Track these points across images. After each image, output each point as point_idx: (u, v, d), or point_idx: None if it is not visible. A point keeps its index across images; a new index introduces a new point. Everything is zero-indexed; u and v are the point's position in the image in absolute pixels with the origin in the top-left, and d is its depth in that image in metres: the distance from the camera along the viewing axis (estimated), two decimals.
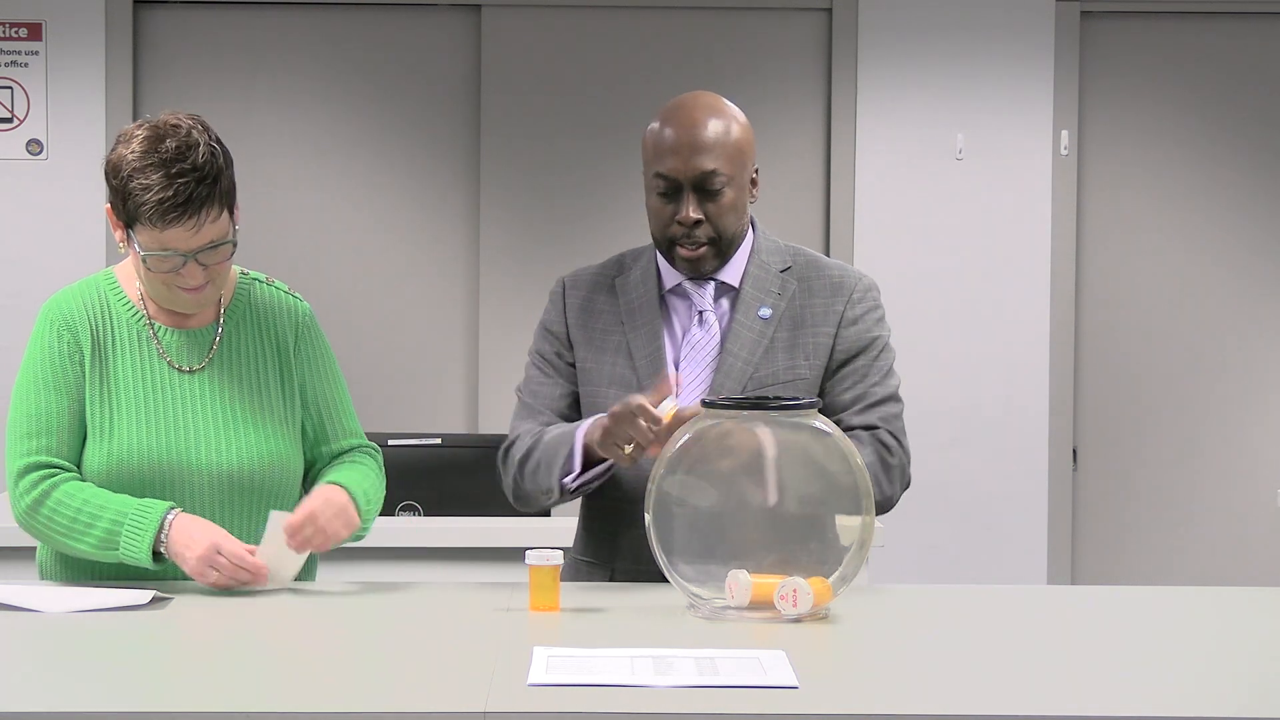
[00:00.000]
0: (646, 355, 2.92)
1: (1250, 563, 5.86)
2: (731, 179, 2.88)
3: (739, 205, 2.91)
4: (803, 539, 2.60)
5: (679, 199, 2.86)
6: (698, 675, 2.11)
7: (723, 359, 2.89)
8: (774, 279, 2.94)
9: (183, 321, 2.83)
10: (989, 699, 2.09)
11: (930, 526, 5.69)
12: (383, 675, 2.15)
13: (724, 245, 2.90)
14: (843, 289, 2.94)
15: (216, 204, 2.68)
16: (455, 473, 4.20)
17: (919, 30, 5.74)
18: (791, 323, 2.91)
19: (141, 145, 2.67)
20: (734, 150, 2.88)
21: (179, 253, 2.69)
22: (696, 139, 2.85)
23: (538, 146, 5.79)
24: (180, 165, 2.65)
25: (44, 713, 1.98)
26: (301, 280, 5.66)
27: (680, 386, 2.88)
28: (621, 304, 2.97)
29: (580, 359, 2.97)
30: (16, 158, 5.68)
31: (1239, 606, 2.75)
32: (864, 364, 2.92)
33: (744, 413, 2.55)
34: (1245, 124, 5.86)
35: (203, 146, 2.67)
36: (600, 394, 2.94)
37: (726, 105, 2.93)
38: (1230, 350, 5.88)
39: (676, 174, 2.85)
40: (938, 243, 5.75)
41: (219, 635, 2.47)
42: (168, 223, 2.66)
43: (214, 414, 2.80)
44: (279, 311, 2.89)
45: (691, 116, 2.88)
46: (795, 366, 2.89)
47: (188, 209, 2.65)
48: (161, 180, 2.64)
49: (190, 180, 2.65)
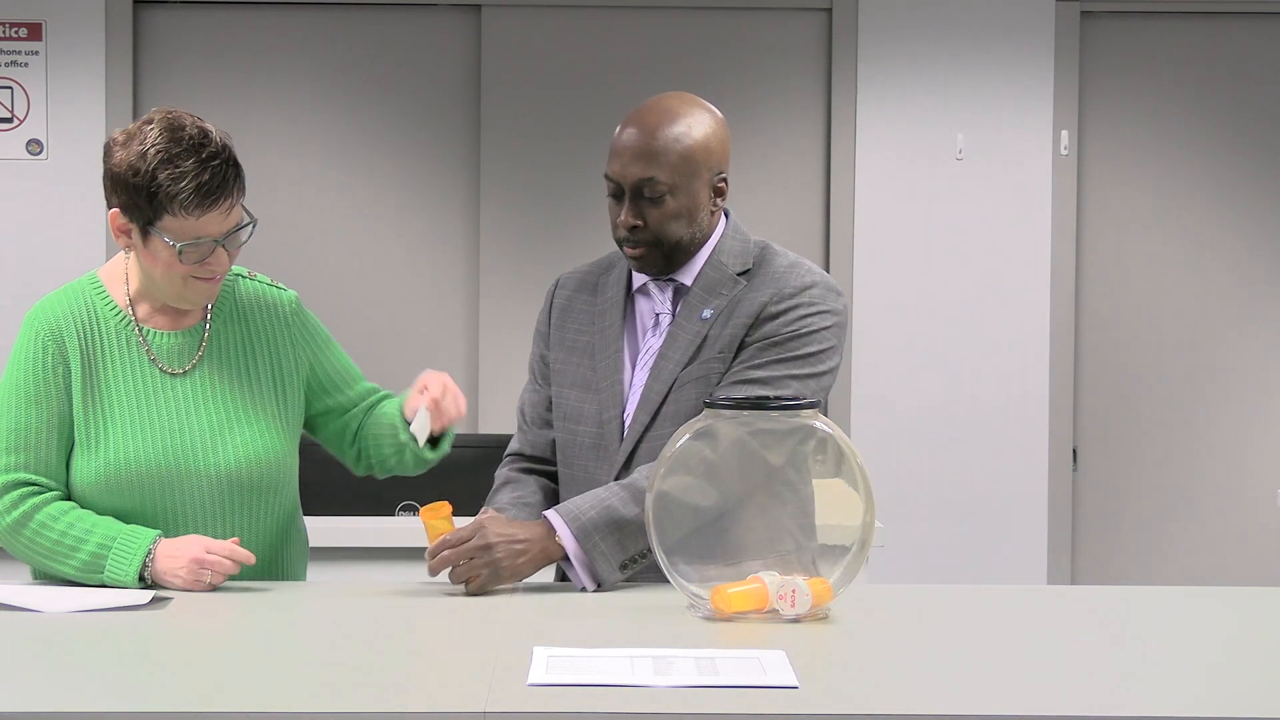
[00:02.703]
0: (606, 358, 2.91)
1: (1250, 563, 5.86)
2: (675, 187, 2.81)
3: (684, 212, 2.83)
4: (803, 539, 2.60)
5: (624, 201, 2.84)
6: (698, 675, 2.11)
7: (657, 362, 2.87)
8: (726, 281, 2.87)
9: (172, 323, 2.81)
10: (989, 699, 2.09)
11: (930, 526, 5.69)
12: (383, 675, 2.15)
13: (667, 248, 2.85)
14: (776, 284, 2.85)
15: (239, 187, 2.70)
16: (455, 473, 4.19)
17: (919, 30, 5.74)
18: (725, 318, 2.85)
19: (162, 138, 2.65)
20: (679, 159, 2.80)
21: (212, 239, 2.68)
22: (640, 145, 2.81)
23: (538, 146, 5.79)
24: (209, 149, 2.65)
25: (44, 713, 1.98)
26: (301, 280, 5.66)
27: (629, 389, 2.88)
28: (596, 304, 2.97)
29: (553, 359, 2.99)
30: (16, 158, 5.68)
31: (1239, 606, 2.75)
32: (757, 349, 2.81)
33: (744, 413, 2.55)
34: (1245, 124, 5.86)
35: (217, 134, 2.68)
36: (563, 395, 2.95)
37: (692, 110, 2.86)
38: (1230, 350, 5.88)
39: (618, 178, 2.83)
40: (938, 243, 5.75)
41: (219, 635, 2.47)
42: (205, 208, 2.65)
43: (207, 415, 2.78)
44: (264, 306, 2.88)
45: (644, 120, 2.84)
46: (708, 361, 2.83)
47: (223, 192, 2.66)
48: (195, 166, 2.64)
49: (221, 163, 2.66)
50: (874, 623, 2.53)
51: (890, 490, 5.47)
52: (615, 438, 2.86)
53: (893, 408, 5.64)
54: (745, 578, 2.49)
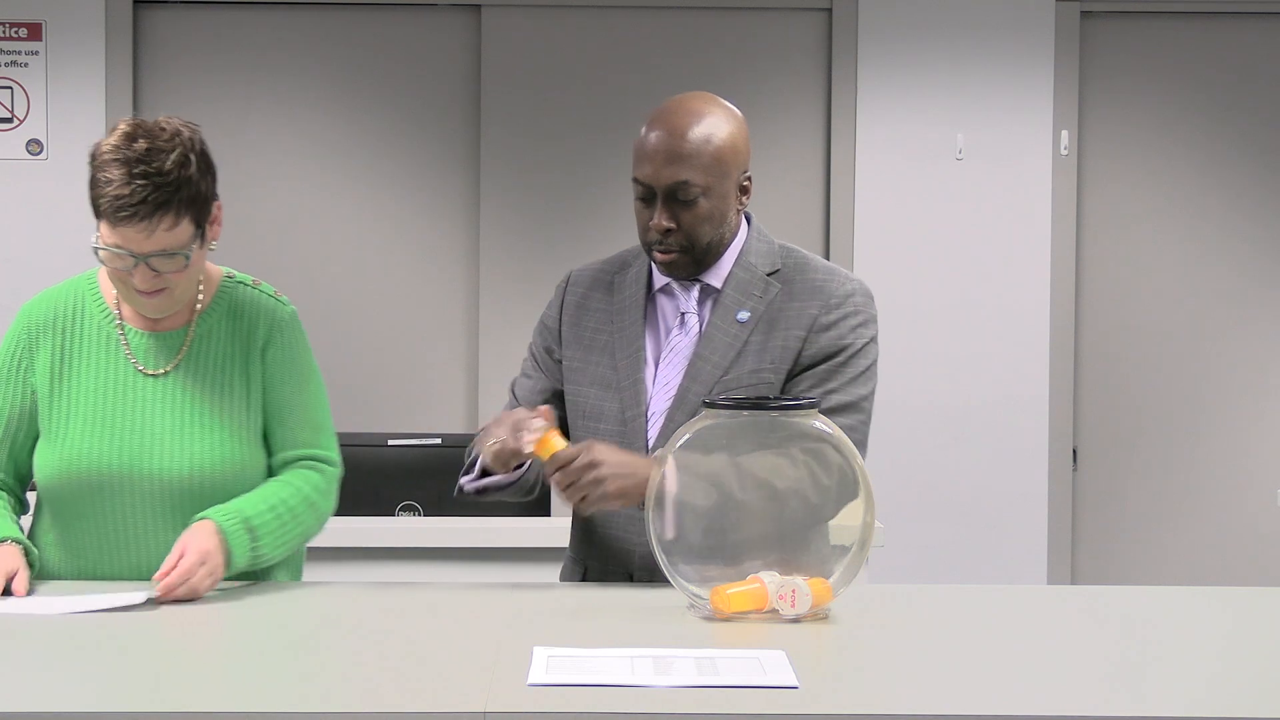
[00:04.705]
0: (627, 356, 2.90)
1: (1250, 563, 5.86)
2: (708, 189, 2.81)
3: (716, 214, 2.83)
4: (803, 539, 2.60)
5: (654, 205, 2.83)
6: (698, 675, 2.11)
7: (693, 362, 2.85)
8: (758, 282, 2.88)
9: (154, 324, 2.81)
10: (989, 699, 2.09)
11: (930, 526, 5.69)
12: (383, 675, 2.15)
13: (698, 253, 2.85)
14: (822, 293, 2.87)
15: (174, 212, 2.64)
16: (455, 473, 4.18)
17: (919, 30, 5.74)
18: (767, 325, 2.86)
19: (116, 139, 2.66)
20: (711, 160, 2.80)
21: (131, 253, 2.66)
22: (672, 148, 2.79)
23: (538, 146, 5.79)
24: (143, 167, 2.62)
25: (44, 713, 1.98)
26: (301, 280, 5.67)
27: (654, 389, 2.88)
28: (614, 302, 2.95)
29: (567, 357, 2.97)
30: (16, 158, 5.68)
31: (1239, 606, 2.75)
32: (826, 369, 2.84)
33: (744, 413, 2.55)
34: (1245, 124, 5.86)
35: (175, 154, 2.64)
36: (582, 394, 2.93)
37: (716, 110, 2.85)
38: (1230, 350, 5.88)
39: (650, 181, 2.81)
40: (938, 243, 5.75)
41: (218, 635, 2.47)
42: (119, 220, 2.63)
43: (172, 418, 2.77)
44: (257, 313, 2.84)
45: (672, 123, 2.81)
46: (760, 370, 2.83)
47: (139, 211, 2.62)
48: (121, 177, 2.62)
49: (148, 184, 2.61)
50: (874, 623, 2.53)
51: (890, 490, 5.47)
52: (640, 435, 2.85)
53: (893, 407, 5.63)
54: (745, 578, 2.49)
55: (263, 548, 2.72)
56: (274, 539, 2.74)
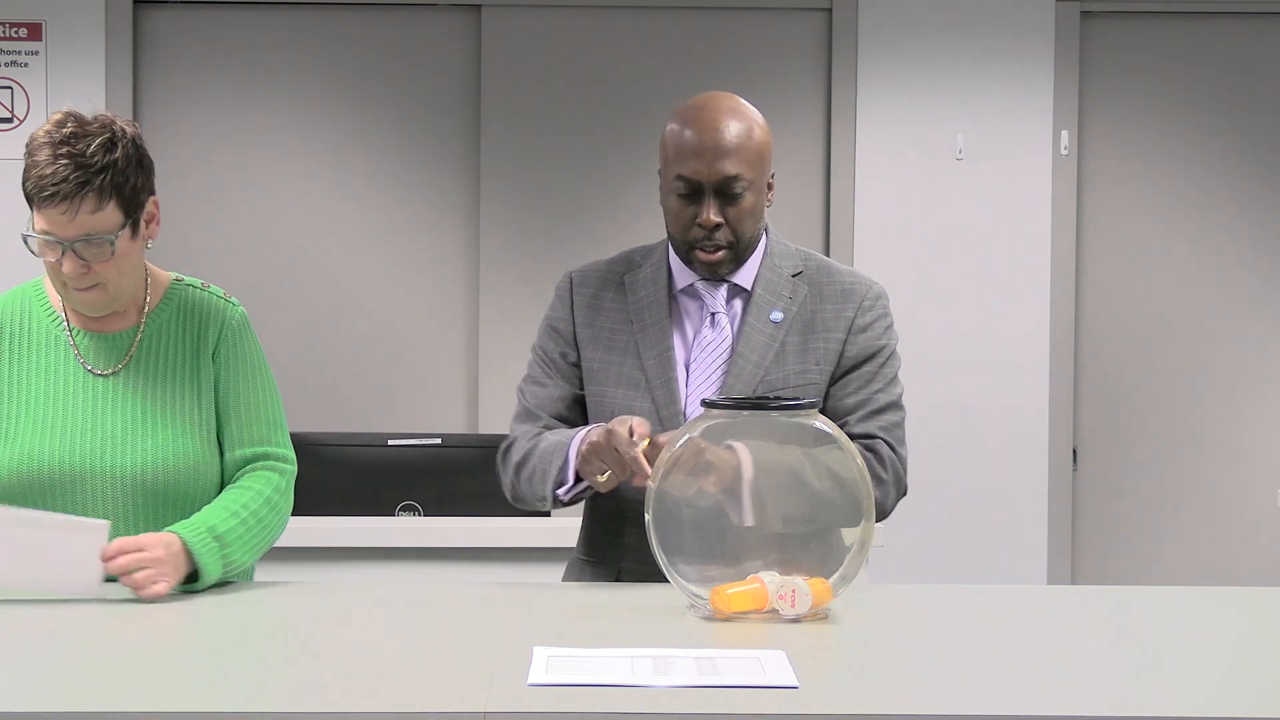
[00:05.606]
0: (655, 355, 2.90)
1: (1250, 563, 5.87)
2: (752, 183, 2.85)
3: (757, 209, 2.88)
4: (803, 539, 2.60)
5: (699, 201, 2.84)
6: (698, 675, 2.11)
7: (734, 361, 2.87)
8: (785, 283, 2.92)
9: (102, 325, 2.81)
10: (989, 699, 2.08)
11: (930, 526, 5.69)
12: (383, 675, 2.15)
13: (741, 249, 2.88)
14: (854, 295, 2.93)
15: (97, 194, 2.65)
16: (455, 473, 4.20)
17: (919, 30, 5.74)
18: (803, 327, 2.90)
19: (49, 125, 2.68)
20: (755, 154, 2.85)
21: (56, 239, 2.67)
22: (720, 142, 2.82)
23: (538, 146, 5.79)
24: (67, 148, 2.64)
25: (44, 713, 1.98)
26: (302, 279, 5.67)
27: (688, 388, 2.87)
28: (630, 302, 2.95)
29: (587, 359, 2.95)
30: (17, 158, 5.66)
31: (1239, 606, 2.74)
32: (869, 370, 2.91)
33: (744, 413, 2.55)
34: (1245, 124, 5.86)
35: (100, 140, 2.65)
36: (608, 395, 2.91)
37: (747, 107, 2.89)
38: (1230, 350, 5.88)
39: (699, 177, 2.82)
40: (938, 243, 5.75)
41: (218, 635, 2.47)
42: (44, 202, 2.64)
43: (123, 417, 2.77)
44: (206, 314, 2.85)
45: (714, 119, 2.84)
46: (806, 370, 2.88)
47: (60, 190, 2.63)
48: (47, 159, 2.64)
49: (70, 164, 2.63)
50: (874, 623, 2.53)
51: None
52: None
53: None
54: (745, 578, 2.49)
55: (233, 555, 2.72)
56: (242, 544, 2.74)
